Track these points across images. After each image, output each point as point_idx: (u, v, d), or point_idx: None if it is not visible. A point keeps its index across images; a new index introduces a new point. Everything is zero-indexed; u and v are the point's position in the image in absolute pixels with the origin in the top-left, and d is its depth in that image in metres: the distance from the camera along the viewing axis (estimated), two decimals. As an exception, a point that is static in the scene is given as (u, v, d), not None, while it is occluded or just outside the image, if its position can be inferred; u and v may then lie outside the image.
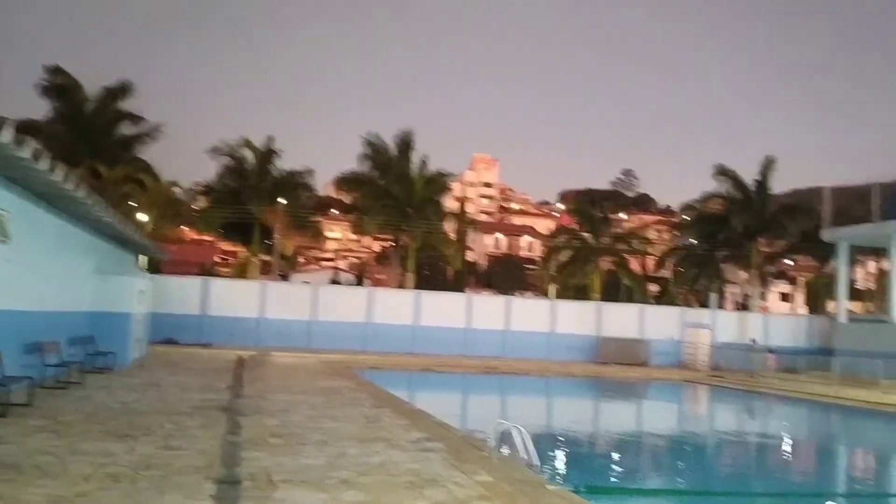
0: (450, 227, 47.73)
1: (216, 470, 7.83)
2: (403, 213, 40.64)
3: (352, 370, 23.44)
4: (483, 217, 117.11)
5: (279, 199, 40.67)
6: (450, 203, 56.84)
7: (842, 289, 36.22)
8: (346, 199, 53.42)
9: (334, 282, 58.84)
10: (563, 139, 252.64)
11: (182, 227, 49.39)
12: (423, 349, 33.79)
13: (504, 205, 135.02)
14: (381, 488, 7.41)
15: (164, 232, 40.39)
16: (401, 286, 41.11)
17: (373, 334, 33.97)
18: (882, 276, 45.48)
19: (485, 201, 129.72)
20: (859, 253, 43.13)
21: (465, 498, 7.23)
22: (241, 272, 49.92)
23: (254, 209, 39.88)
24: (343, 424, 11.69)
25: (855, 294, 51.20)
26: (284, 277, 52.49)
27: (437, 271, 58.95)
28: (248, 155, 41.37)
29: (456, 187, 64.53)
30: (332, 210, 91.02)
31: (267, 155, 41.38)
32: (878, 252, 41.45)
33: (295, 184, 42.44)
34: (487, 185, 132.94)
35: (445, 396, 23.02)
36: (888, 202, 34.05)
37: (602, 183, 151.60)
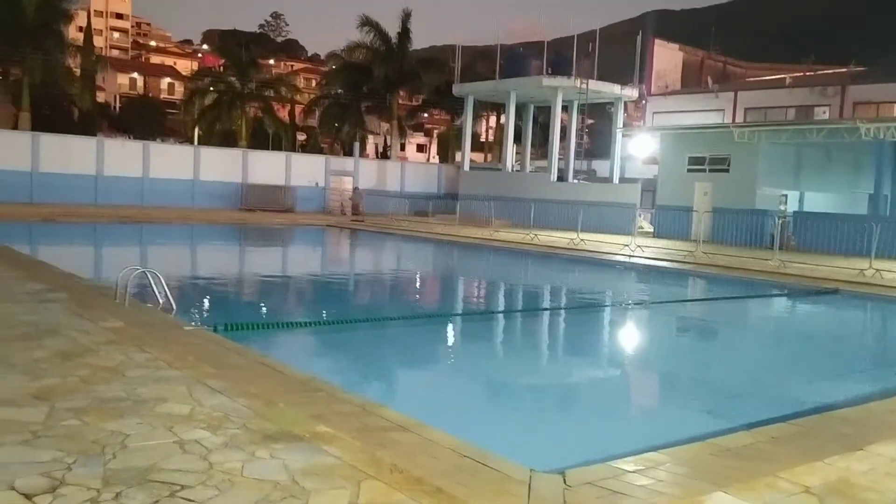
0: (74, 62, 42.14)
1: None
2: (12, 41, 34.67)
3: (-49, 222, 20.22)
4: (115, 53, 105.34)
5: None
6: (73, 34, 49.88)
7: (466, 140, 40.23)
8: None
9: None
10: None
11: None
12: (44, 198, 30.21)
13: (140, 41, 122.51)
14: (-12, 342, 6.70)
15: None
16: (14, 127, 35.73)
17: (-21, 181, 29.38)
18: (500, 129, 51.26)
19: (116, 35, 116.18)
20: (483, 108, 47.92)
21: (91, 344, 6.89)
22: None
23: None
24: (-61, 280, 10.17)
25: (478, 145, 57.34)
26: None
27: (61, 112, 52.15)
28: None
29: (80, 16, 56.37)
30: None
31: None
32: (499, 107, 46.40)
33: None
34: (119, 16, 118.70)
35: (71, 247, 21.14)
36: (508, 62, 37.96)
37: (250, 25, 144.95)
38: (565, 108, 37.14)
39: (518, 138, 41.28)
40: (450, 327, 11.87)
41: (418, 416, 5.37)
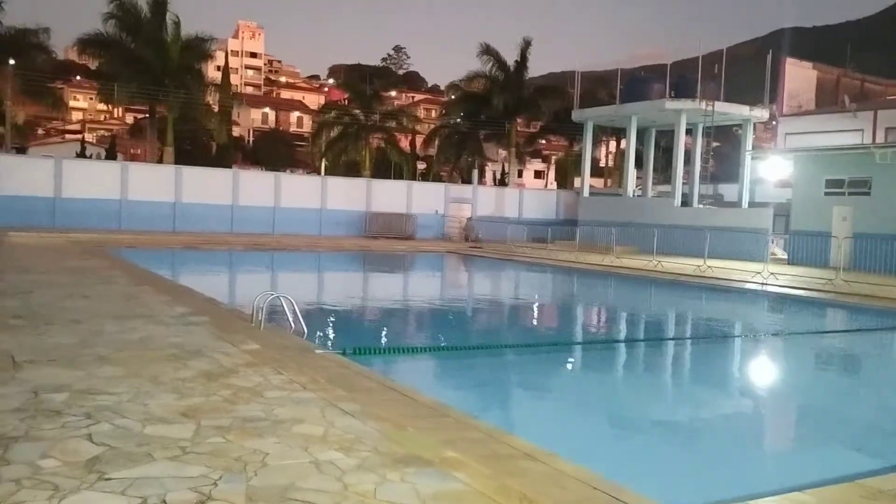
0: (212, 99, 45.05)
1: (-55, 355, 7.12)
2: (158, 81, 37.49)
3: (105, 249, 21.93)
4: (249, 90, 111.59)
5: (7, 61, 35.63)
6: (212, 73, 53.31)
7: (586, 166, 39.79)
8: (92, 64, 48.10)
9: (81, 156, 53.48)
10: (332, 12, 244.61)
11: None
12: (185, 227, 32.33)
13: (271, 77, 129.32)
14: (141, 362, 7.20)
15: None
16: (159, 161, 38.49)
17: (129, 212, 31.80)
18: (619, 154, 50.44)
19: (250, 73, 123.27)
20: (602, 133, 47.32)
21: (232, 366, 7.25)
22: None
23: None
24: (97, 303, 11.03)
25: (597, 170, 56.61)
26: (20, 150, 46.77)
27: (200, 146, 55.76)
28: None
29: (218, 56, 60.28)
30: (76, 77, 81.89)
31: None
32: (618, 132, 45.71)
33: (27, 44, 37.29)
34: (253, 55, 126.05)
35: (211, 273, 22.43)
36: (628, 86, 37.39)
37: (372, 59, 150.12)
38: (689, 132, 36.09)
39: (639, 163, 40.45)
40: (576, 355, 11.69)
41: (544, 445, 5.31)
